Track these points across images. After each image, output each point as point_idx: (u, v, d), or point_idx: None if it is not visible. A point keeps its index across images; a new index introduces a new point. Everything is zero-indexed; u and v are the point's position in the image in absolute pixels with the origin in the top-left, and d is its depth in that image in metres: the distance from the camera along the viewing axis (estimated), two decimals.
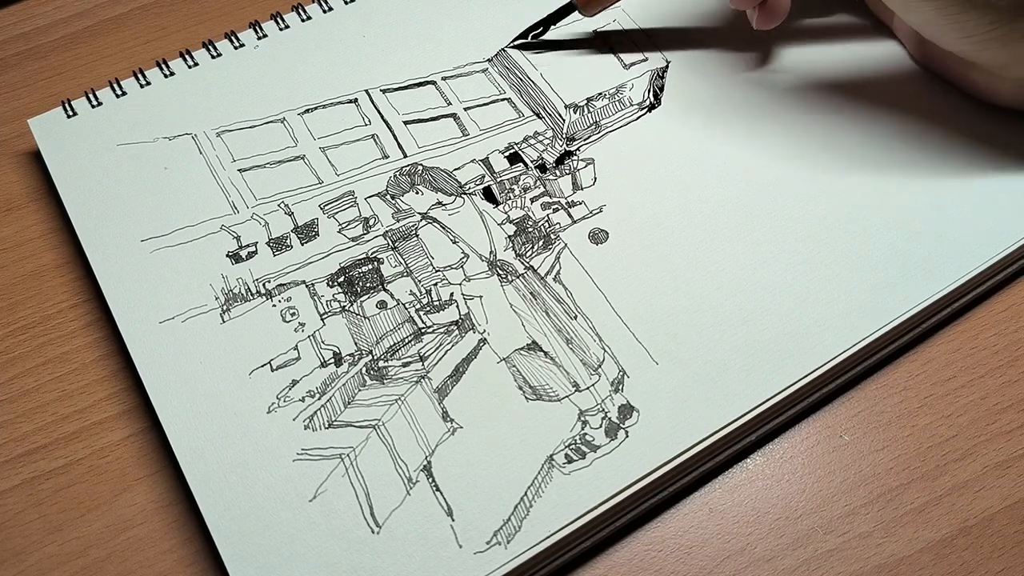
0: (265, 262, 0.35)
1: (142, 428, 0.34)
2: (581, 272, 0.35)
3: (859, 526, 0.31)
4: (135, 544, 0.31)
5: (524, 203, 0.37)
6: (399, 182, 0.38)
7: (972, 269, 0.34)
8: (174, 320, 0.34)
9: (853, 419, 0.33)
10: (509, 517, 0.30)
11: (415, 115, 0.39)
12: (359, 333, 0.34)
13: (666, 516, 0.32)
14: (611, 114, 0.39)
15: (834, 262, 0.35)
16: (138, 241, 0.36)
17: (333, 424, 0.32)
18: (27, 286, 0.37)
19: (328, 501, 0.30)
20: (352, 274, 0.35)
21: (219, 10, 0.45)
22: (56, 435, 0.34)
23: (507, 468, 0.31)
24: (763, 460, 0.33)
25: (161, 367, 0.33)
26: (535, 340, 0.34)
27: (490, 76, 0.41)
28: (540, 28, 0.41)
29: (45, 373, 0.35)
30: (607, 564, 0.31)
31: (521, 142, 0.39)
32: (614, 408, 0.32)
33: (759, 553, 0.31)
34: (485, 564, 0.29)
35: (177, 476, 0.32)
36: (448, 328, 0.34)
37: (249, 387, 0.32)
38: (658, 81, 0.40)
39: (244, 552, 0.29)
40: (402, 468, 0.31)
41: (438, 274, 0.35)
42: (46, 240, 0.38)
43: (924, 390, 0.34)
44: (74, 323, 0.36)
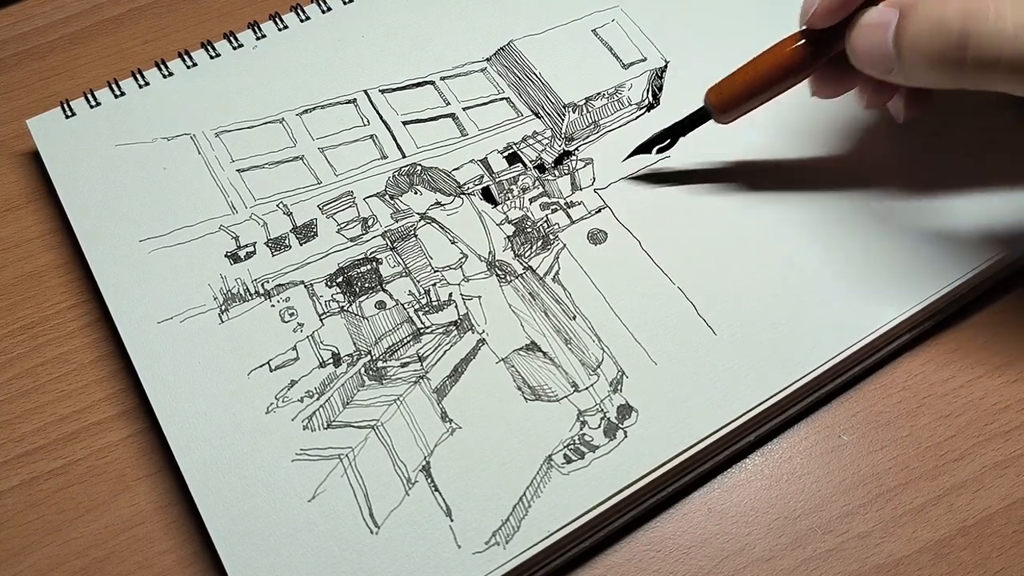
0: (264, 262, 0.35)
1: (141, 429, 0.34)
2: (580, 272, 0.35)
3: (858, 526, 0.31)
4: (134, 544, 0.31)
5: (523, 203, 0.37)
6: (398, 182, 0.38)
7: (971, 270, 0.34)
8: (173, 320, 0.34)
9: (852, 419, 0.33)
10: (508, 517, 0.30)
11: (414, 115, 0.39)
12: (358, 333, 0.34)
13: (665, 516, 0.32)
14: (610, 114, 0.39)
15: (833, 262, 0.35)
16: (137, 241, 0.36)
17: (332, 424, 0.32)
18: (26, 286, 0.37)
19: (327, 501, 0.30)
20: (351, 274, 0.35)
21: (218, 10, 0.45)
22: (55, 436, 0.34)
23: (506, 468, 0.31)
24: (762, 460, 0.33)
25: (160, 367, 0.33)
26: (534, 340, 0.34)
27: (489, 75, 0.41)
28: (668, 140, 0.36)
29: (44, 374, 0.35)
30: (606, 564, 0.31)
31: (520, 142, 0.39)
32: (613, 408, 0.32)
33: (758, 553, 0.31)
34: (484, 564, 0.29)
35: (176, 476, 0.32)
36: (447, 328, 0.34)
37: (248, 387, 0.32)
38: (657, 81, 0.40)
39: (243, 552, 0.29)
40: (401, 468, 0.31)
41: (437, 274, 0.35)
42: (44, 241, 0.38)
43: (923, 390, 0.34)
44: (73, 323, 0.36)
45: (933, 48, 0.29)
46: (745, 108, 0.34)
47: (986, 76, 0.28)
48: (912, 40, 0.29)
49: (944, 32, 0.28)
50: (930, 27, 0.29)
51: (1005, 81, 0.28)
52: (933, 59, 0.29)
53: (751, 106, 0.34)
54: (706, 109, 0.35)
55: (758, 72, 0.33)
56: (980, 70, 0.28)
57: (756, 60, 0.34)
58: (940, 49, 0.28)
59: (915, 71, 0.30)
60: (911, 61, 0.29)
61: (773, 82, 0.33)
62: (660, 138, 0.36)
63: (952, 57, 0.28)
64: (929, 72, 0.29)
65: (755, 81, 0.33)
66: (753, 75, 0.33)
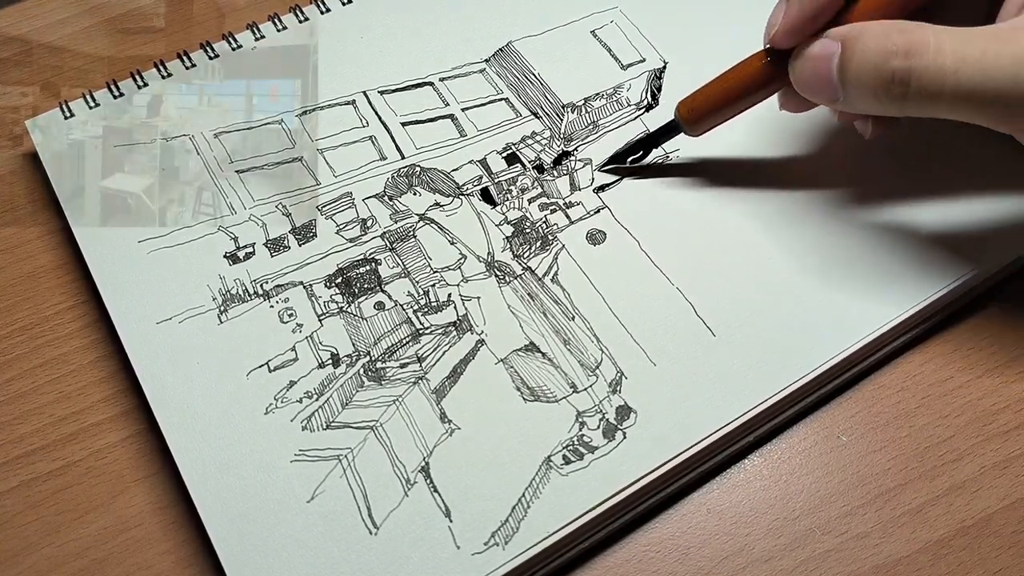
0: (263, 263, 0.35)
1: (140, 430, 0.34)
2: (579, 273, 0.35)
3: (857, 526, 0.31)
4: (133, 545, 0.31)
5: (522, 204, 0.37)
6: (397, 183, 0.38)
7: (971, 270, 0.34)
8: (172, 321, 0.34)
9: (851, 419, 0.34)
10: (507, 518, 0.30)
11: (413, 116, 0.39)
12: (357, 334, 0.34)
13: (664, 517, 0.32)
14: (609, 114, 0.39)
15: (832, 263, 0.35)
16: (135, 242, 0.36)
17: (331, 425, 0.32)
18: (24, 287, 0.37)
19: (326, 502, 0.30)
20: (350, 275, 0.35)
21: (216, 11, 0.45)
22: (54, 437, 0.33)
23: (505, 469, 0.31)
24: (761, 461, 0.33)
25: (159, 368, 0.33)
26: (533, 341, 0.34)
27: (487, 76, 0.41)
28: (639, 152, 0.37)
29: (42, 375, 0.35)
30: (605, 565, 0.31)
31: (519, 142, 0.39)
32: (612, 409, 0.32)
33: (757, 553, 0.31)
34: (483, 565, 0.29)
35: (175, 477, 0.32)
36: (446, 329, 0.34)
37: (247, 388, 0.32)
38: (656, 81, 0.40)
39: (242, 553, 0.29)
40: (400, 469, 0.31)
41: (436, 275, 0.35)
42: (43, 241, 0.38)
43: (922, 390, 0.34)
44: (72, 324, 0.36)
45: (877, 83, 0.29)
46: (714, 122, 0.35)
47: (930, 107, 0.29)
48: (855, 74, 0.29)
49: (886, 67, 0.29)
50: (873, 61, 0.29)
51: (949, 111, 0.29)
52: (878, 92, 0.29)
53: (719, 120, 0.35)
54: (676, 122, 0.36)
55: (726, 87, 0.34)
56: (923, 102, 0.29)
57: (724, 75, 0.34)
58: (883, 84, 0.29)
59: (860, 102, 0.30)
60: (855, 94, 0.30)
61: (740, 96, 0.34)
62: (632, 150, 0.37)
63: (896, 92, 0.29)
64: (874, 102, 0.30)
65: (723, 96, 0.34)
66: (720, 90, 0.34)
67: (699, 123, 0.35)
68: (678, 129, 0.36)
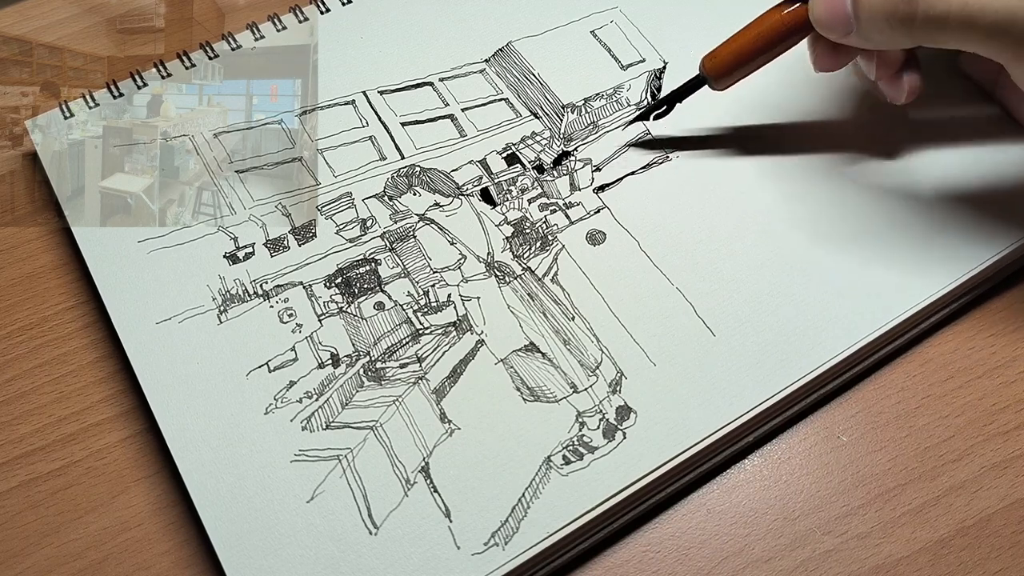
0: (262, 263, 0.35)
1: (139, 430, 0.34)
2: (579, 273, 0.35)
3: (857, 527, 0.31)
4: (133, 546, 0.31)
5: (522, 204, 0.37)
6: (397, 183, 0.38)
7: (970, 271, 0.34)
8: (171, 321, 0.34)
9: (851, 420, 0.34)
10: (507, 518, 0.30)
11: (412, 116, 0.39)
12: (356, 334, 0.34)
13: (664, 517, 0.32)
14: (609, 114, 0.39)
15: (831, 263, 0.35)
16: (135, 242, 0.36)
17: (331, 425, 0.32)
18: (24, 288, 0.37)
19: (326, 502, 0.30)
20: (350, 275, 0.35)
21: (216, 11, 0.45)
22: (53, 437, 0.33)
23: (505, 469, 0.31)
24: (761, 461, 0.33)
25: (158, 368, 0.33)
26: (533, 341, 0.34)
27: (487, 76, 0.41)
28: (664, 107, 0.37)
29: (42, 375, 0.35)
30: (605, 565, 0.31)
31: (519, 143, 0.39)
32: (612, 409, 0.32)
33: (757, 554, 0.31)
34: (483, 565, 0.29)
35: (175, 478, 0.32)
36: (446, 329, 0.34)
37: (246, 388, 0.32)
38: (655, 82, 0.40)
39: (242, 553, 0.29)
40: (400, 469, 0.31)
41: (436, 275, 0.35)
42: (43, 242, 0.38)
43: (922, 391, 0.34)
44: (71, 325, 0.36)
45: (886, 7, 0.31)
46: (739, 74, 0.36)
47: (937, 33, 0.31)
48: (867, 1, 0.31)
49: None
50: None
51: (955, 38, 0.31)
52: (887, 17, 0.31)
53: (743, 72, 0.35)
54: (702, 76, 0.36)
55: (749, 38, 0.35)
56: (930, 27, 0.30)
57: (747, 27, 0.35)
58: (892, 7, 0.31)
59: (871, 31, 0.32)
60: (867, 21, 0.32)
61: (763, 46, 0.35)
62: (658, 105, 0.38)
63: (903, 13, 0.31)
64: (884, 31, 0.32)
65: (746, 47, 0.35)
66: (744, 41, 0.35)
67: (724, 76, 0.35)
68: (703, 82, 0.36)
